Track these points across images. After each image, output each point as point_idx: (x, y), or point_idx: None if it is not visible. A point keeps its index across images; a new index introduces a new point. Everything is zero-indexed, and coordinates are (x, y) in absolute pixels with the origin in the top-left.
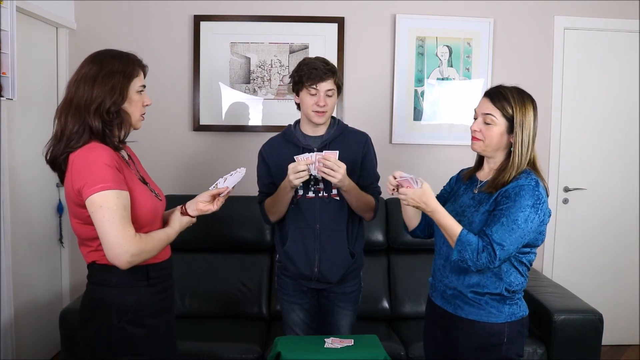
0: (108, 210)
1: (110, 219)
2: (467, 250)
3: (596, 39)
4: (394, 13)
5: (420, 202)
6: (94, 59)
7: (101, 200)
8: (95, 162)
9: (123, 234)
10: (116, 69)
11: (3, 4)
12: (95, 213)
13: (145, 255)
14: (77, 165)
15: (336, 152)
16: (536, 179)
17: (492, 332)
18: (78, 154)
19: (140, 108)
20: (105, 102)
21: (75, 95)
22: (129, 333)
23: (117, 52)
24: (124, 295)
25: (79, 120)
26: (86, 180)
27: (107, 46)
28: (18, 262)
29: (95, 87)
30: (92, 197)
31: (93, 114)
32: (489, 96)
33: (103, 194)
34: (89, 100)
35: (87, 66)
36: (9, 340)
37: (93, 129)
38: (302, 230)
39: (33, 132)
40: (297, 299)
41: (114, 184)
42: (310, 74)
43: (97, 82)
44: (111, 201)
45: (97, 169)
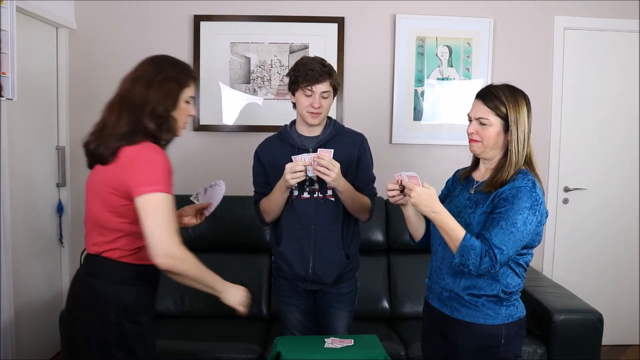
0: (160, 212)
1: (161, 220)
2: (471, 255)
3: (596, 39)
4: (394, 13)
5: (427, 202)
6: (152, 62)
7: (156, 201)
8: (157, 164)
9: (169, 235)
10: (171, 76)
11: (3, 4)
12: (146, 211)
13: (183, 266)
14: (136, 162)
15: (331, 150)
16: (533, 180)
17: (489, 334)
18: (136, 151)
19: (185, 117)
20: (158, 106)
21: (129, 93)
22: (125, 329)
23: (174, 59)
24: (125, 292)
25: (133, 118)
26: (144, 179)
27: (107, 46)
28: (18, 262)
29: (150, 89)
30: (148, 196)
31: (148, 116)
32: (480, 98)
33: (159, 195)
34: (144, 102)
35: (143, 68)
36: (9, 340)
37: (148, 129)
38: (296, 231)
39: (33, 132)
40: (293, 301)
41: (169, 188)
42: (306, 75)
43: (153, 85)
44: (165, 204)
45: (157, 171)
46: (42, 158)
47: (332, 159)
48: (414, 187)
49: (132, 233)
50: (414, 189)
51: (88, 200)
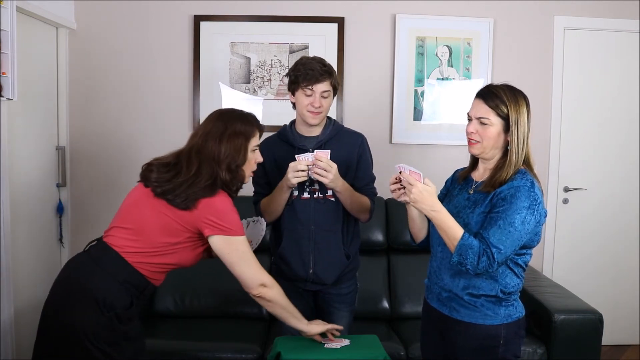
0: (244, 252)
1: (247, 257)
2: (469, 255)
3: (596, 39)
4: (394, 13)
5: (428, 200)
6: (220, 117)
7: (237, 243)
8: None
9: (257, 268)
10: (239, 130)
11: (3, 4)
12: (231, 253)
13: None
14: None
15: (328, 151)
16: (531, 180)
17: (488, 334)
18: (216, 200)
19: (252, 165)
20: (233, 159)
21: (203, 147)
22: (114, 326)
23: (240, 112)
24: (122, 294)
25: (211, 171)
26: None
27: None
28: (18, 262)
29: (222, 144)
30: (229, 238)
31: (226, 169)
32: (481, 97)
33: (239, 238)
34: (219, 156)
35: (212, 123)
36: (9, 340)
37: (223, 181)
38: (296, 231)
39: (33, 132)
40: (293, 301)
41: (242, 232)
42: (306, 75)
43: (224, 140)
44: (244, 245)
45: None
46: (42, 158)
47: (329, 159)
48: (415, 183)
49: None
50: (416, 185)
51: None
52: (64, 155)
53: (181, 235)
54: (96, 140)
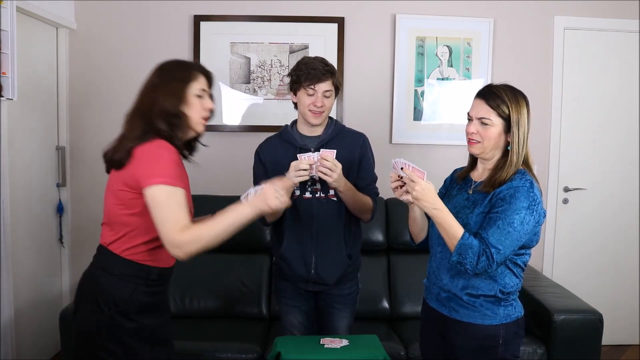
0: (164, 207)
1: (166, 213)
2: (468, 254)
3: (596, 39)
4: (394, 13)
5: (430, 198)
6: (157, 68)
7: (161, 195)
8: (161, 155)
9: (174, 226)
10: (174, 75)
11: (3, 4)
12: (152, 208)
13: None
14: (144, 156)
15: (333, 151)
16: (530, 180)
17: (487, 334)
18: (145, 146)
19: (200, 111)
20: (166, 104)
21: (141, 103)
22: (117, 322)
23: (177, 61)
24: (120, 286)
25: (145, 124)
26: (150, 171)
27: (107, 46)
28: (18, 262)
29: (157, 93)
30: (151, 190)
31: (157, 117)
32: (482, 97)
33: (162, 188)
34: (153, 104)
35: (151, 76)
36: (9, 340)
37: (160, 131)
38: (298, 231)
39: (33, 132)
40: (295, 302)
41: (174, 180)
42: (308, 74)
43: (159, 88)
44: (170, 197)
45: (162, 162)
46: (42, 158)
47: (335, 159)
48: (418, 180)
49: (138, 227)
50: (418, 182)
51: (105, 198)
52: (64, 155)
53: (137, 204)
54: (96, 140)
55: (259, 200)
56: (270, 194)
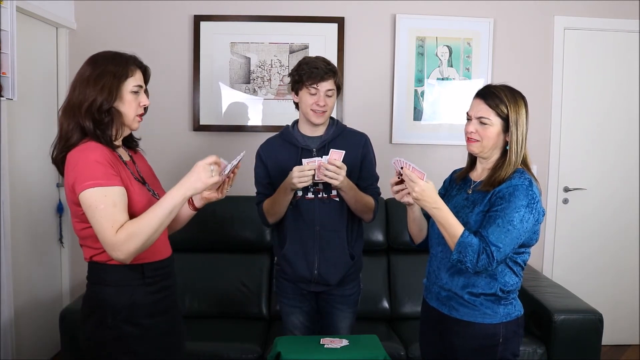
0: (96, 210)
1: (98, 219)
2: (468, 252)
3: (596, 39)
4: (394, 13)
5: (430, 197)
6: (90, 61)
7: (90, 198)
8: (85, 159)
9: (109, 231)
10: (108, 70)
11: (3, 4)
12: (87, 212)
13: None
14: (70, 163)
15: (342, 152)
16: (529, 179)
17: (487, 333)
18: (72, 152)
19: (136, 108)
20: (96, 101)
21: (72, 97)
22: (123, 332)
23: (113, 53)
24: (118, 294)
25: (72, 120)
26: (77, 177)
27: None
28: (18, 262)
29: (88, 87)
30: (83, 194)
31: (84, 114)
32: (481, 97)
33: (91, 191)
34: (82, 101)
35: (83, 68)
36: (9, 340)
37: (85, 128)
38: (301, 232)
39: (33, 132)
40: (296, 302)
41: (103, 180)
42: (310, 74)
43: (90, 83)
44: (99, 199)
45: (86, 166)
46: (42, 158)
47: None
48: (417, 180)
49: None
50: (418, 183)
51: None
52: None
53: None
54: None
55: (189, 180)
56: (202, 171)
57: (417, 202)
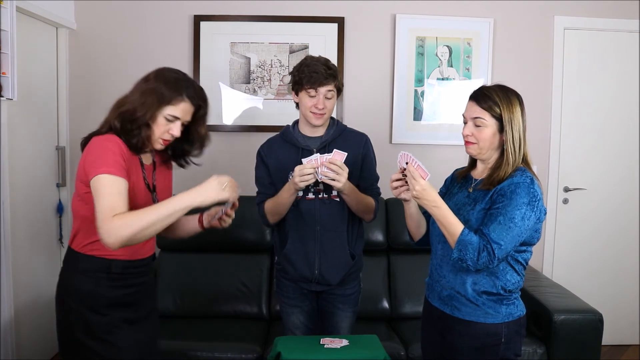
0: (103, 193)
1: (101, 202)
2: (469, 250)
3: (596, 39)
4: (394, 13)
5: (430, 195)
6: (156, 72)
7: (100, 182)
8: (103, 147)
9: (104, 214)
10: (158, 90)
11: (3, 4)
12: (94, 194)
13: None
14: (91, 148)
15: (345, 154)
16: (531, 177)
17: (489, 333)
18: (95, 138)
19: (163, 132)
20: (133, 111)
21: (126, 95)
22: (87, 317)
23: (176, 77)
24: (84, 281)
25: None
26: (93, 161)
27: (107, 46)
28: (18, 262)
29: (135, 95)
30: (95, 179)
31: (117, 114)
32: (474, 99)
33: (103, 177)
34: (124, 103)
35: (148, 75)
36: (9, 340)
37: (112, 126)
38: (301, 232)
39: (33, 132)
40: (297, 302)
41: (114, 169)
42: (310, 77)
43: (140, 92)
44: (107, 184)
45: (102, 152)
46: (42, 158)
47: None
48: (419, 179)
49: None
50: (419, 182)
51: None
52: (64, 155)
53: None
54: None
55: (200, 189)
56: (214, 185)
57: (417, 201)
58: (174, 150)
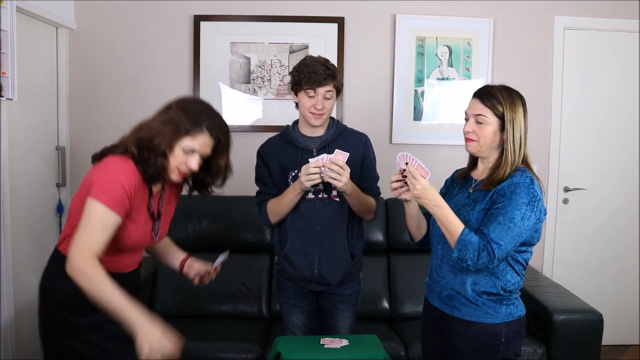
0: (88, 222)
1: (84, 230)
2: (469, 250)
3: (596, 39)
4: (394, 13)
5: (431, 195)
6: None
7: (94, 209)
8: (115, 176)
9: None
10: (176, 120)
11: (3, 4)
12: (82, 217)
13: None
14: (106, 168)
15: (347, 154)
16: (531, 177)
17: (489, 333)
18: (113, 158)
19: (180, 164)
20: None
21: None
22: (68, 318)
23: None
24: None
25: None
26: (99, 184)
27: (107, 46)
28: (18, 262)
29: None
30: (91, 202)
31: (135, 139)
32: (478, 96)
33: (98, 205)
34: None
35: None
36: (9, 340)
37: (128, 149)
38: (301, 232)
39: (33, 132)
40: (297, 302)
41: (113, 205)
42: (309, 78)
43: (161, 120)
44: (98, 216)
45: (111, 182)
46: (42, 158)
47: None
48: (420, 179)
49: None
50: (420, 181)
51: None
52: (64, 155)
53: None
54: (96, 140)
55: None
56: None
57: (417, 200)
58: (194, 181)
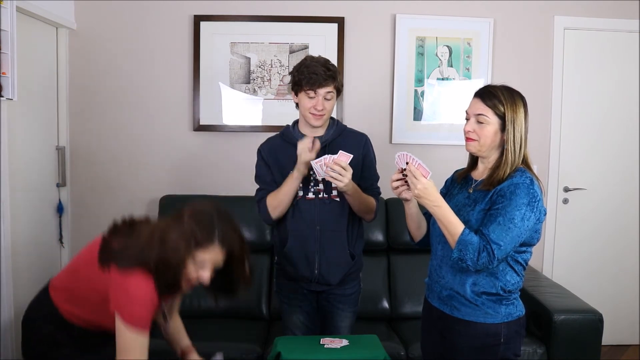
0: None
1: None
2: (469, 250)
3: (596, 39)
4: (394, 13)
5: (431, 195)
6: (189, 211)
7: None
8: (143, 294)
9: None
10: (191, 230)
11: (3, 4)
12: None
13: None
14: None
15: (351, 155)
16: (531, 177)
17: (489, 333)
18: (131, 281)
19: (192, 277)
20: (165, 260)
21: (159, 228)
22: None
23: (211, 216)
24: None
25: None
26: (131, 311)
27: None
28: (18, 262)
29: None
30: (128, 329)
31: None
32: (479, 96)
33: (134, 336)
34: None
35: (181, 211)
36: (9, 340)
37: (145, 263)
38: (301, 231)
39: (33, 132)
40: (297, 302)
41: (146, 326)
42: (309, 79)
43: (174, 231)
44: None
45: (142, 302)
46: (42, 158)
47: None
48: (420, 178)
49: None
50: (421, 180)
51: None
52: (64, 155)
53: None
54: (96, 140)
55: None
56: None
57: (418, 200)
58: (213, 285)
